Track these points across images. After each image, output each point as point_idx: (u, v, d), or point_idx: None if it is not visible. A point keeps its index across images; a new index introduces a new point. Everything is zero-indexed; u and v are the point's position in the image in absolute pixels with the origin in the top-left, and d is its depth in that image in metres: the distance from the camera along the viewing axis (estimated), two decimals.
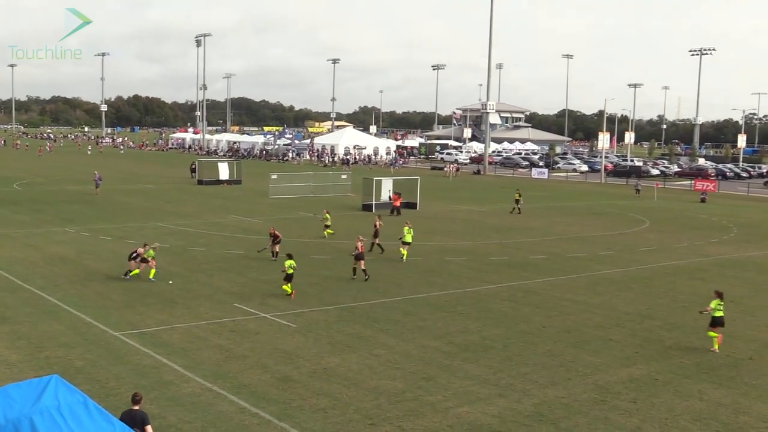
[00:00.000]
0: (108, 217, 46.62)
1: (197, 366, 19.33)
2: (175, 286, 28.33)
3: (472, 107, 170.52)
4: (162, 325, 23.01)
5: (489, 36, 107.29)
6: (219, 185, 71.33)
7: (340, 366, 19.69)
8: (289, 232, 41.28)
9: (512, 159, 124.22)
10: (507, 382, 18.91)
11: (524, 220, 51.40)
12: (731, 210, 63.39)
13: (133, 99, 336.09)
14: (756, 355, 21.94)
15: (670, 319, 25.60)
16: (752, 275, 34.08)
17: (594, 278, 32.19)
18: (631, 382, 19.16)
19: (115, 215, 47.81)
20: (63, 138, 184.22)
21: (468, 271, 32.98)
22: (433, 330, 23.43)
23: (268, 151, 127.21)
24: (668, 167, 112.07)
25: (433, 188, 70.57)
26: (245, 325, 23.38)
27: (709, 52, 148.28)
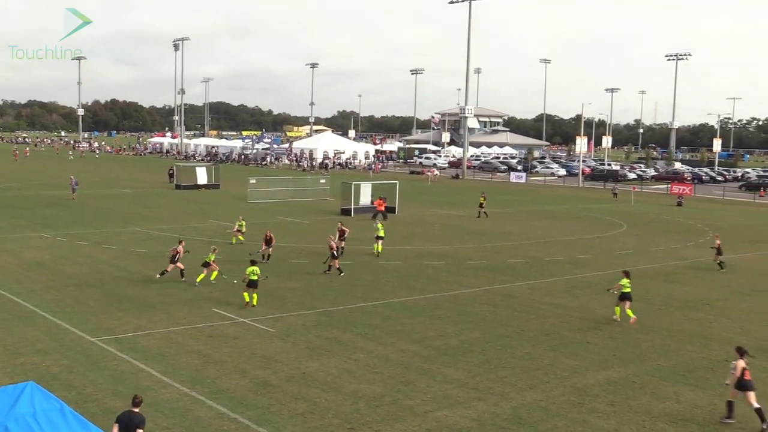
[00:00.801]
0: (85, 222, 46.29)
1: (175, 371, 19.23)
2: (153, 291, 28.17)
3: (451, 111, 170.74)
4: (139, 331, 22.87)
5: (467, 40, 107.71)
6: (197, 190, 71.03)
7: (318, 370, 19.67)
8: None
9: (491, 163, 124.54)
10: (485, 385, 18.96)
11: (502, 224, 51.58)
12: (707, 213, 63.96)
13: (110, 103, 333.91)
14: (731, 357, 22.08)
15: (646, 322, 25.77)
16: (727, 278, 34.40)
17: (572, 281, 32.36)
18: (608, 385, 19.27)
19: (92, 220, 47.48)
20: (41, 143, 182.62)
21: (446, 275, 33.04)
22: (412, 334, 23.45)
23: (247, 155, 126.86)
24: (645, 171, 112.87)
25: (412, 192, 70.66)
26: (223, 330, 23.29)
27: (685, 57, 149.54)
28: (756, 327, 25.70)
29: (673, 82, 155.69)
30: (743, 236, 49.46)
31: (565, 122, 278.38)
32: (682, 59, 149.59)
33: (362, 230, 44.18)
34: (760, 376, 20.42)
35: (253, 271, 25.96)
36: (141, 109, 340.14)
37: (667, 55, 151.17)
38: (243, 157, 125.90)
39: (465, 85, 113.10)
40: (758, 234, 51.26)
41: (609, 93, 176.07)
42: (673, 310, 27.78)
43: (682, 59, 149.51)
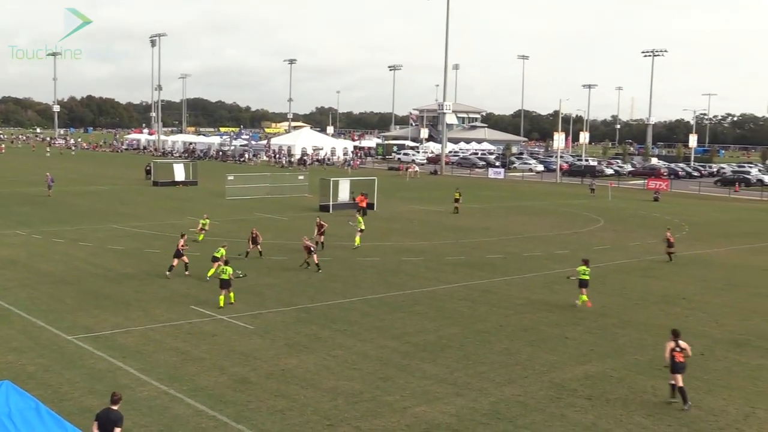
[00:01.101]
0: (61, 219, 45.92)
1: (153, 369, 19.14)
2: (130, 288, 28.01)
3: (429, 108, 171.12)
4: (117, 329, 22.73)
5: (445, 37, 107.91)
6: (175, 186, 70.63)
7: (297, 367, 19.64)
8: (246, 233, 40.98)
9: (469, 159, 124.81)
10: (464, 381, 19.02)
11: (481, 220, 51.72)
12: (683, 209, 64.48)
13: (86, 99, 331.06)
14: (706, 350, 22.34)
15: (624, 317, 25.96)
16: (702, 272, 34.71)
17: (550, 277, 32.51)
18: (586, 379, 19.40)
19: (69, 217, 47.11)
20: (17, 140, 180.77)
21: (425, 271, 33.09)
22: (391, 330, 23.47)
23: (225, 152, 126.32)
24: (622, 167, 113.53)
25: (390, 188, 70.67)
26: (202, 327, 23.20)
27: (661, 53, 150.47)
28: (730, 321, 25.96)
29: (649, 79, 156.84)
30: (718, 231, 49.92)
31: (542, 118, 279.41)
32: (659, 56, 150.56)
33: (340, 226, 44.16)
34: (734, 369, 20.66)
35: (223, 270, 25.61)
36: (118, 106, 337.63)
37: (643, 52, 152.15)
38: (221, 154, 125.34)
39: (443, 81, 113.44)
40: (733, 229, 51.76)
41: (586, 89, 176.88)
42: (650, 305, 28.00)
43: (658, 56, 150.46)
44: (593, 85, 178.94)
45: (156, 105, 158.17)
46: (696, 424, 16.71)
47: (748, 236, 47.89)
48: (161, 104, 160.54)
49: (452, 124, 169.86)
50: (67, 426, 11.63)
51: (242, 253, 34.29)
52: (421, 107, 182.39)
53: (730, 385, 19.35)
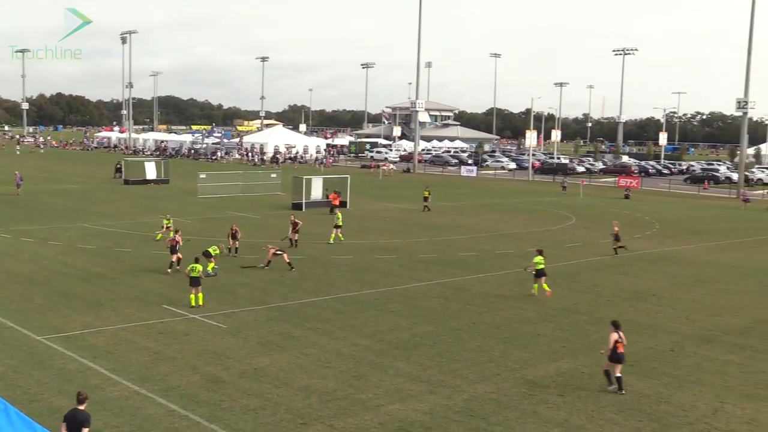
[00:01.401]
0: (31, 218, 45.39)
1: (124, 369, 18.98)
2: (101, 288, 27.76)
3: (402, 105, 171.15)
4: (87, 328, 22.52)
5: (418, 34, 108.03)
6: (146, 185, 70.14)
7: (270, 366, 19.58)
8: (220, 232, 40.84)
9: (442, 157, 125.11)
10: (437, 378, 19.06)
11: (453, 218, 51.85)
12: (654, 206, 65.09)
13: (56, 97, 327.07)
14: (676, 346, 22.58)
15: (595, 314, 26.14)
16: (672, 269, 35.06)
17: (522, 274, 32.60)
18: (558, 376, 19.52)
19: (38, 216, 46.58)
20: None
21: (398, 269, 33.12)
22: (364, 328, 23.47)
23: (197, 150, 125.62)
24: (593, 164, 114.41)
25: (363, 186, 70.67)
26: (174, 326, 23.05)
27: (632, 52, 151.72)
28: (700, 317, 26.25)
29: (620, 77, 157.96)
30: (688, 228, 50.45)
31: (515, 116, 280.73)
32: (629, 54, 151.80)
33: (313, 224, 44.08)
34: (703, 364, 20.89)
35: (193, 268, 25.36)
36: (88, 103, 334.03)
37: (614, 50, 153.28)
38: (193, 152, 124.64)
39: (416, 79, 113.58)
40: (702, 226, 52.34)
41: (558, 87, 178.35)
42: (622, 301, 28.23)
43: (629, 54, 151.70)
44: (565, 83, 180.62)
45: (127, 103, 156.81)
46: (666, 419, 16.88)
47: (717, 233, 48.46)
48: (133, 102, 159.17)
49: (425, 122, 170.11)
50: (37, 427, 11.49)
51: (226, 253, 33.99)
52: (394, 105, 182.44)
53: (699, 380, 19.56)
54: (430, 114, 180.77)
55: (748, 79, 77.98)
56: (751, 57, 77.17)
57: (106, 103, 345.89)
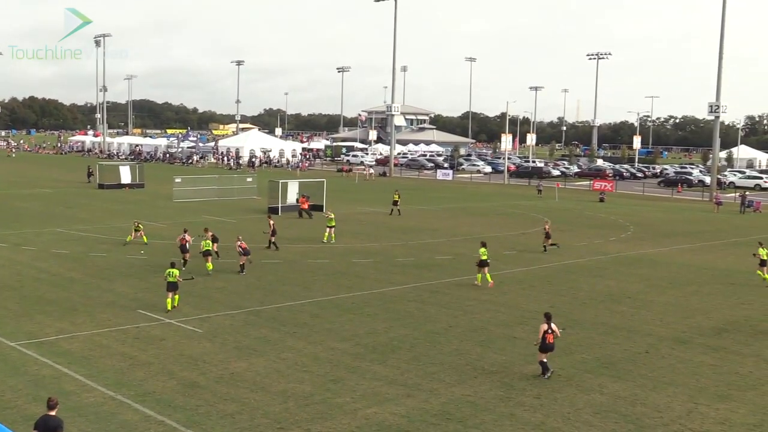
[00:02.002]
0: (3, 223, 44.89)
1: (99, 374, 18.82)
2: (75, 293, 27.51)
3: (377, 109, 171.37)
4: (62, 334, 22.31)
5: (393, 38, 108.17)
6: (121, 189, 69.64)
7: (247, 370, 19.50)
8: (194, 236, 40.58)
9: (417, 161, 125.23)
10: (414, 382, 19.08)
11: (429, 221, 51.94)
12: (628, 209, 65.59)
13: (29, 100, 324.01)
14: (651, 348, 22.76)
15: (571, 316, 26.29)
16: (647, 271, 35.33)
17: (498, 277, 32.76)
18: (535, 379, 19.60)
19: (11, 221, 46.09)
20: None
21: (375, 273, 33.12)
22: (341, 332, 23.45)
23: (172, 154, 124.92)
24: (568, 168, 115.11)
25: (339, 190, 70.60)
26: (149, 331, 22.89)
27: (606, 56, 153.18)
28: (674, 318, 26.47)
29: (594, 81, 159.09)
30: (662, 231, 50.87)
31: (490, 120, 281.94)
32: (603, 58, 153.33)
33: (289, 229, 43.99)
34: (678, 366, 21.08)
35: (170, 273, 25.29)
36: (61, 107, 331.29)
37: (588, 55, 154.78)
38: (168, 156, 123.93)
39: (391, 83, 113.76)
40: (676, 228, 52.79)
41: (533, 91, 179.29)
42: (597, 304, 28.42)
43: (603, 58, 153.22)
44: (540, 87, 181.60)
45: (101, 106, 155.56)
46: (641, 420, 17.01)
47: (690, 236, 48.91)
48: (107, 106, 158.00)
49: (401, 126, 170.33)
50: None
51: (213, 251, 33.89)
52: (369, 109, 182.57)
53: (674, 381, 19.73)
54: (406, 118, 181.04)
55: (720, 83, 78.81)
56: (722, 61, 78.01)
57: (79, 107, 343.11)
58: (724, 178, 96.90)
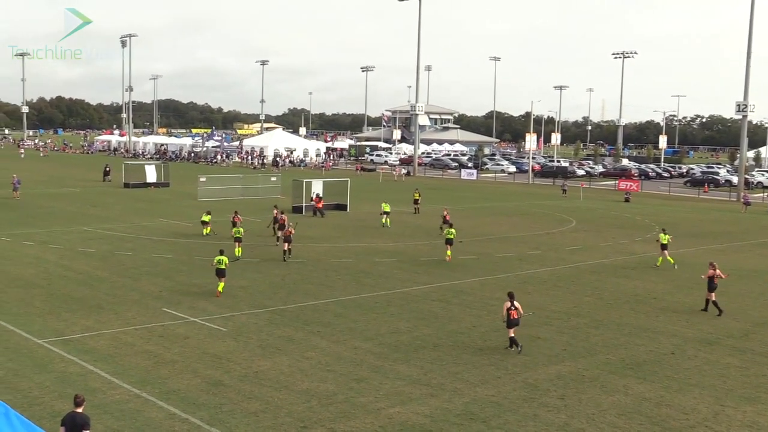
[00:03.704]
0: (30, 222, 45.37)
1: (125, 372, 18.96)
2: (101, 291, 27.73)
3: (402, 109, 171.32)
4: (88, 332, 22.50)
5: (417, 38, 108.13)
6: (146, 188, 70.16)
7: (271, 369, 19.56)
8: (219, 235, 40.88)
9: (441, 160, 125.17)
10: (438, 381, 19.04)
11: (454, 221, 51.71)
12: (654, 209, 65.08)
13: (56, 100, 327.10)
14: (677, 349, 22.56)
15: (596, 317, 26.13)
16: (673, 272, 35.02)
17: (522, 277, 32.65)
18: (559, 379, 19.50)
19: (38, 220, 46.56)
20: None
21: (398, 272, 33.11)
22: (364, 331, 23.45)
23: (197, 153, 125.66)
24: (593, 168, 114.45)
25: (363, 190, 70.64)
26: (174, 329, 23.03)
27: (631, 55, 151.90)
28: (700, 319, 26.22)
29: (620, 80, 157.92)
30: (688, 231, 50.40)
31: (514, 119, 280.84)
32: (629, 57, 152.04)
33: (313, 228, 44.10)
34: (704, 367, 20.88)
35: (220, 261, 27.13)
36: (88, 107, 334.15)
37: (614, 53, 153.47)
38: (193, 155, 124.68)
39: (416, 83, 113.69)
40: (702, 228, 52.31)
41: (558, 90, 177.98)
42: (622, 304, 28.21)
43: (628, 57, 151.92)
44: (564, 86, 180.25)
45: (127, 106, 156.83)
46: (667, 422, 16.86)
47: (716, 236, 48.44)
48: (132, 105, 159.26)
49: (425, 126, 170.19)
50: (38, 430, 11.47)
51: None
52: (393, 108, 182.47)
53: (700, 383, 19.55)
54: (430, 117, 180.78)
55: (748, 82, 77.97)
56: (750, 60, 77.19)
57: (106, 107, 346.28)
58: (752, 178, 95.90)
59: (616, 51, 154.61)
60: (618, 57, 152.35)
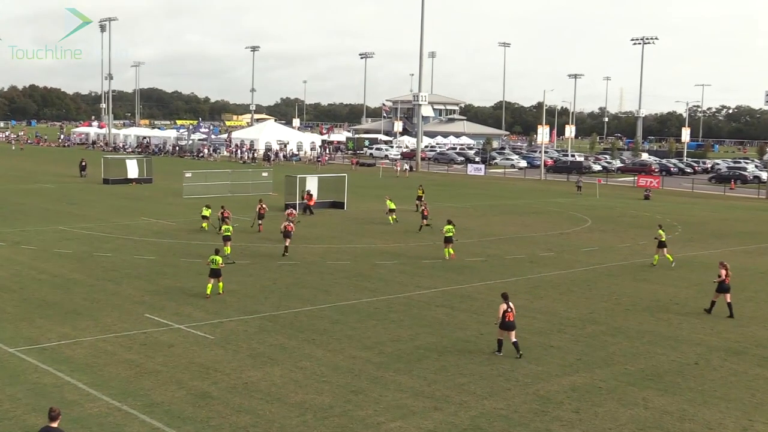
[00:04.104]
0: (2, 220, 45.38)
1: (104, 383, 18.97)
2: (78, 295, 27.74)
3: (403, 99, 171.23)
4: (64, 339, 22.51)
5: (420, 22, 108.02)
6: (127, 184, 70.21)
7: (262, 380, 19.57)
8: (205, 236, 40.91)
9: (447, 154, 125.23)
10: (443, 393, 19.05)
11: (460, 220, 51.75)
12: (676, 207, 65.11)
13: (29, 89, 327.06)
14: (701, 359, 22.56)
15: (613, 324, 26.14)
16: (697, 276, 35.02)
17: (534, 281, 32.67)
18: (573, 391, 19.50)
19: (10, 218, 46.57)
20: None
21: (400, 275, 33.12)
22: (363, 339, 23.47)
23: (182, 146, 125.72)
24: (610, 163, 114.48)
25: (361, 186, 70.67)
26: (158, 337, 23.04)
27: (652, 41, 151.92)
28: (726, 327, 26.22)
29: (639, 68, 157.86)
30: (713, 231, 50.43)
31: (525, 110, 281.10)
32: (649, 43, 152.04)
33: (307, 227, 44.08)
34: (731, 379, 20.88)
35: (213, 260, 27.78)
36: (64, 96, 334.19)
37: (633, 39, 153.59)
38: (178, 149, 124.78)
39: (419, 70, 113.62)
40: (728, 229, 52.31)
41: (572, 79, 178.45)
42: (641, 311, 28.22)
43: (648, 43, 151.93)
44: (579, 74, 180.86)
45: (106, 95, 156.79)
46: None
47: (744, 237, 48.45)
48: (112, 95, 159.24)
49: (428, 117, 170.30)
50: None
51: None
52: (394, 98, 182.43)
53: (726, 396, 19.56)
54: (434, 108, 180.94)
55: None
56: None
57: (83, 96, 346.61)
58: None
59: (635, 36, 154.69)
60: (637, 43, 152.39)
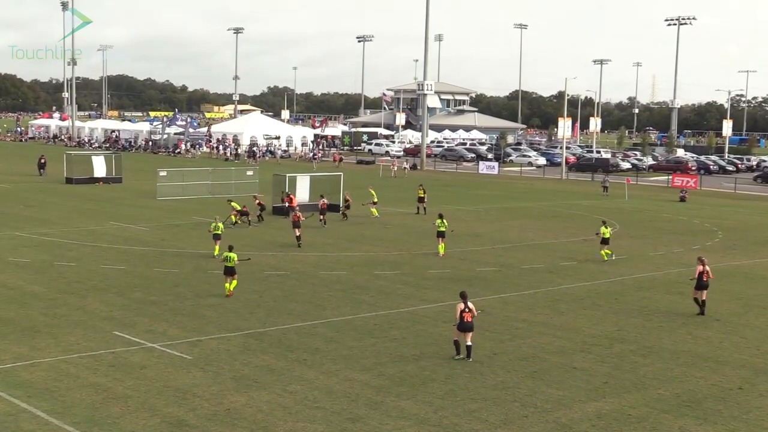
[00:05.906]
0: None
1: (66, 411, 18.96)
2: (37, 310, 27.74)
3: (406, 88, 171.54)
4: (20, 361, 22.51)
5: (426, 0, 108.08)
6: (93, 184, 70.23)
7: (246, 406, 19.57)
8: (182, 242, 40.93)
9: (455, 150, 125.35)
10: (451, 421, 19.05)
11: (470, 225, 51.85)
12: (716, 211, 65.09)
13: None
14: (746, 383, 22.54)
15: (644, 342, 26.12)
16: (741, 288, 35.02)
17: (554, 294, 32.66)
18: (599, 419, 19.49)
19: None
20: None
21: (403, 288, 33.13)
22: (361, 360, 23.47)
23: (155, 141, 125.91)
24: (641, 160, 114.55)
25: (360, 186, 70.63)
26: (128, 357, 23.05)
27: (689, 21, 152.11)
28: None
29: (674, 52, 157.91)
30: (759, 238, 50.40)
31: (544, 101, 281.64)
32: (685, 24, 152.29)
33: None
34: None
35: (228, 258, 29.76)
36: (21, 84, 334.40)
37: (667, 20, 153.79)
38: (151, 144, 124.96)
39: (424, 56, 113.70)
40: None
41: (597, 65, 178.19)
42: (677, 328, 28.20)
43: (684, 24, 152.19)
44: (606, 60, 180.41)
45: (69, 83, 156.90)
46: None
47: None
48: (76, 82, 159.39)
49: (435, 108, 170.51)
50: None
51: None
52: (396, 87, 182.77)
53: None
54: (441, 98, 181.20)
55: None
56: None
57: (43, 84, 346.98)
58: None
59: (670, 16, 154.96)
60: (672, 23, 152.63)
